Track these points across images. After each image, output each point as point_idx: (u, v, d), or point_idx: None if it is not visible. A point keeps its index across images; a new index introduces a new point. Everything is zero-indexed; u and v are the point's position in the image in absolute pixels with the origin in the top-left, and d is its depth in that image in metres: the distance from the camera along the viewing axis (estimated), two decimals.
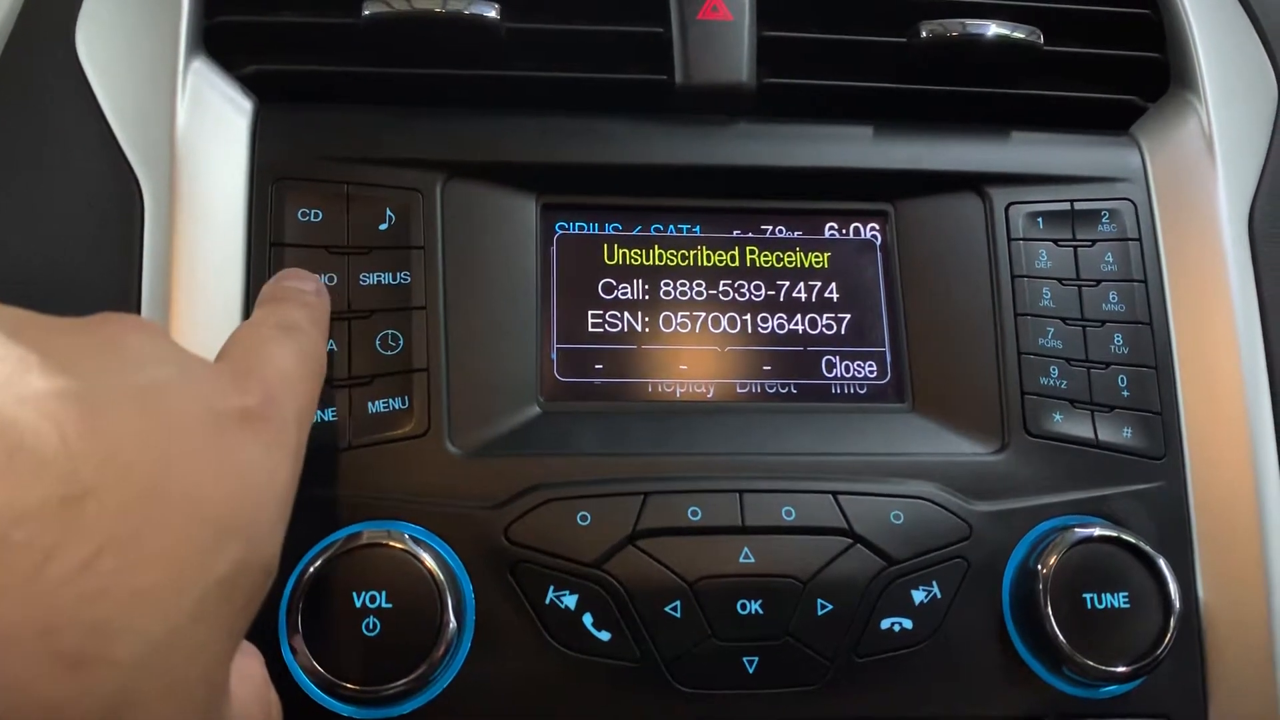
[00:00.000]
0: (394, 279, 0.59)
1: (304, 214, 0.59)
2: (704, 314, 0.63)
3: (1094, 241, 0.64)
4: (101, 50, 0.60)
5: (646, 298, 0.63)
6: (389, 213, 0.59)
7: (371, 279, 0.58)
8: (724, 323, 0.63)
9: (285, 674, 0.52)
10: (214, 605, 0.35)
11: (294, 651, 0.51)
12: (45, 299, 0.55)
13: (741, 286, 0.64)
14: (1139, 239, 0.65)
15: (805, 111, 0.66)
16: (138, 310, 0.56)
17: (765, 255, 0.64)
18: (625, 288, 0.63)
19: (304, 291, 0.54)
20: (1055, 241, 0.64)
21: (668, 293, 0.63)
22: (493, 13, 0.61)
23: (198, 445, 0.36)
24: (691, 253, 0.64)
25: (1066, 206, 0.65)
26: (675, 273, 0.63)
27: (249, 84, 0.62)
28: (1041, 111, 0.67)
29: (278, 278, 0.56)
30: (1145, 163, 0.67)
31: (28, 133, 0.59)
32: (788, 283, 0.64)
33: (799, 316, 0.63)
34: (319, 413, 0.56)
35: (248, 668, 0.44)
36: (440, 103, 0.63)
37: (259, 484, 0.39)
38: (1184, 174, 0.66)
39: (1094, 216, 0.65)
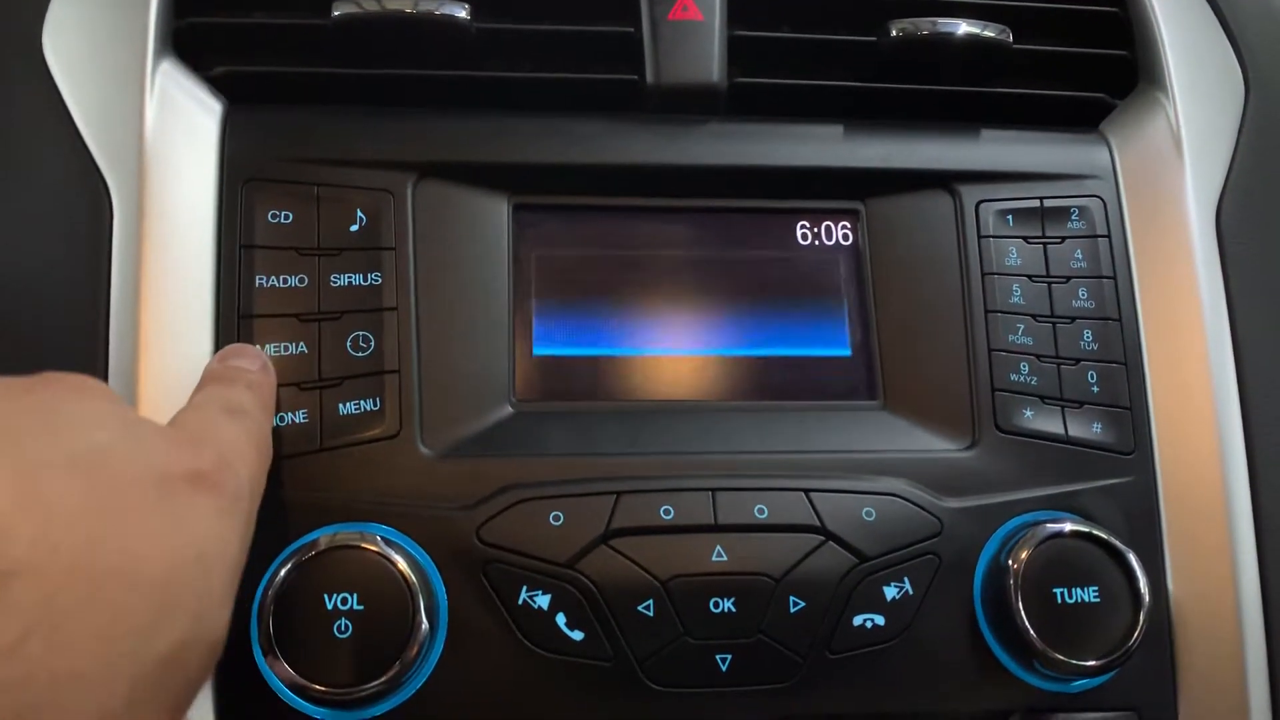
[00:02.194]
0: (365, 280, 0.59)
1: (274, 215, 0.59)
2: (676, 313, 0.63)
3: (1063, 238, 0.65)
4: (69, 52, 0.60)
5: (618, 297, 0.63)
6: (359, 214, 0.59)
7: (342, 280, 0.58)
8: (696, 321, 0.63)
9: (256, 677, 0.52)
10: (152, 687, 0.33)
11: (265, 654, 0.51)
12: (12, 304, 0.55)
13: (713, 285, 0.64)
14: (1108, 236, 0.65)
15: (776, 111, 0.66)
16: (106, 315, 0.55)
17: (737, 254, 0.64)
18: (597, 287, 0.63)
19: (249, 371, 0.53)
20: (1025, 238, 0.65)
21: (640, 292, 0.63)
22: (463, 13, 0.61)
23: (140, 513, 0.34)
24: (663, 252, 0.64)
25: (1036, 204, 0.65)
26: (647, 272, 0.64)
27: (218, 85, 0.62)
28: (1011, 109, 0.68)
29: (221, 356, 0.55)
30: (1114, 160, 0.67)
31: None
32: (759, 281, 0.64)
33: (770, 315, 0.64)
34: (290, 414, 0.56)
35: None
36: (411, 103, 0.63)
37: (209, 551, 0.37)
38: (1152, 171, 0.66)
39: (1063, 213, 0.65)
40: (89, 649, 0.31)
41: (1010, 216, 0.65)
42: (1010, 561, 0.56)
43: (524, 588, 0.54)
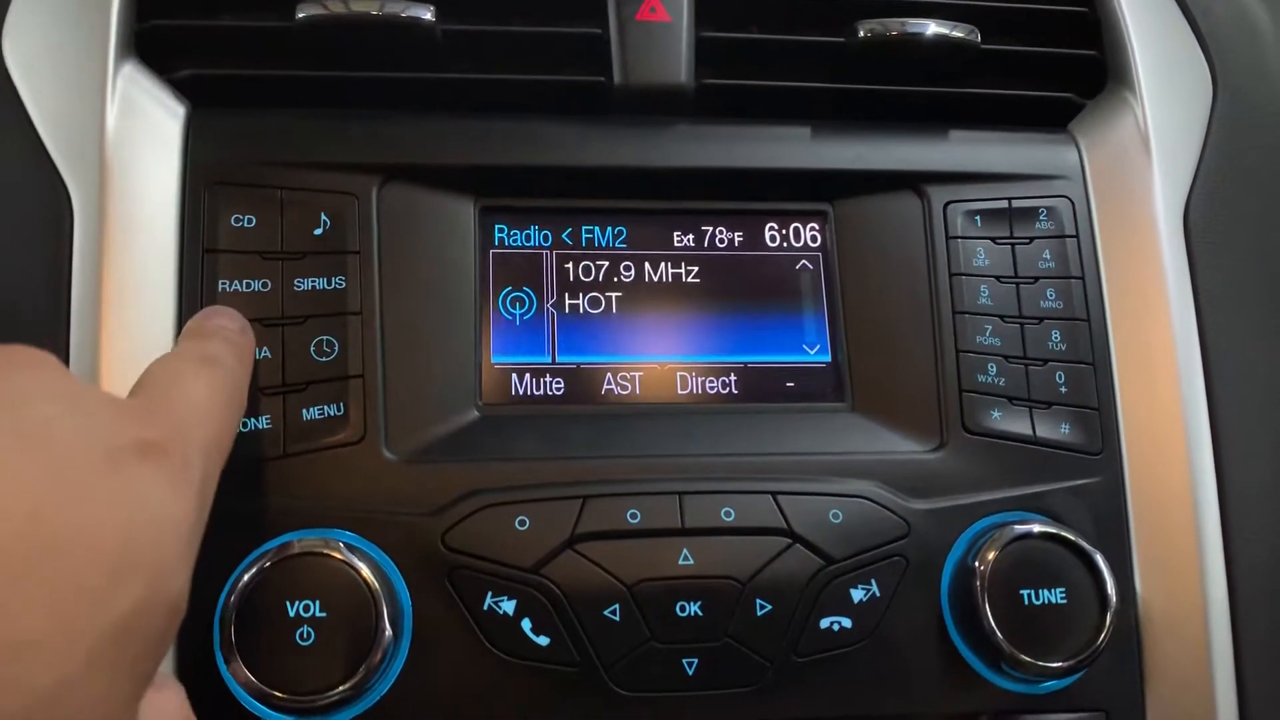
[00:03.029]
0: (329, 284, 0.58)
1: (238, 220, 0.58)
2: (644, 315, 0.63)
3: (1031, 239, 0.65)
4: (29, 55, 0.59)
5: (586, 300, 0.63)
6: (324, 217, 0.59)
7: (306, 284, 0.58)
8: (664, 324, 0.63)
9: (219, 685, 0.51)
10: (111, 650, 0.33)
11: (227, 662, 0.51)
12: None
13: (681, 288, 0.64)
14: (1076, 236, 0.65)
15: (745, 112, 0.66)
16: (67, 321, 0.55)
17: (705, 256, 0.64)
18: (565, 290, 0.63)
19: (228, 328, 0.53)
20: (993, 239, 0.65)
21: (608, 294, 0.63)
22: (428, 15, 0.60)
23: (88, 483, 0.34)
24: (631, 254, 0.64)
25: (1004, 204, 0.65)
26: (615, 274, 0.63)
27: (181, 88, 0.61)
28: (980, 110, 0.68)
29: (203, 314, 0.55)
30: (1083, 160, 0.67)
31: None
32: (727, 283, 0.64)
33: (739, 317, 0.63)
34: (253, 420, 0.55)
35: (163, 703, 0.43)
36: (376, 106, 0.63)
37: (159, 518, 0.37)
38: (1120, 171, 0.66)
39: (1031, 214, 0.65)
40: (40, 617, 0.31)
41: (978, 217, 0.65)
42: (977, 563, 0.56)
43: (489, 593, 0.54)
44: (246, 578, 0.52)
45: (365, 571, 0.52)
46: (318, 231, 0.59)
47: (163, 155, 0.59)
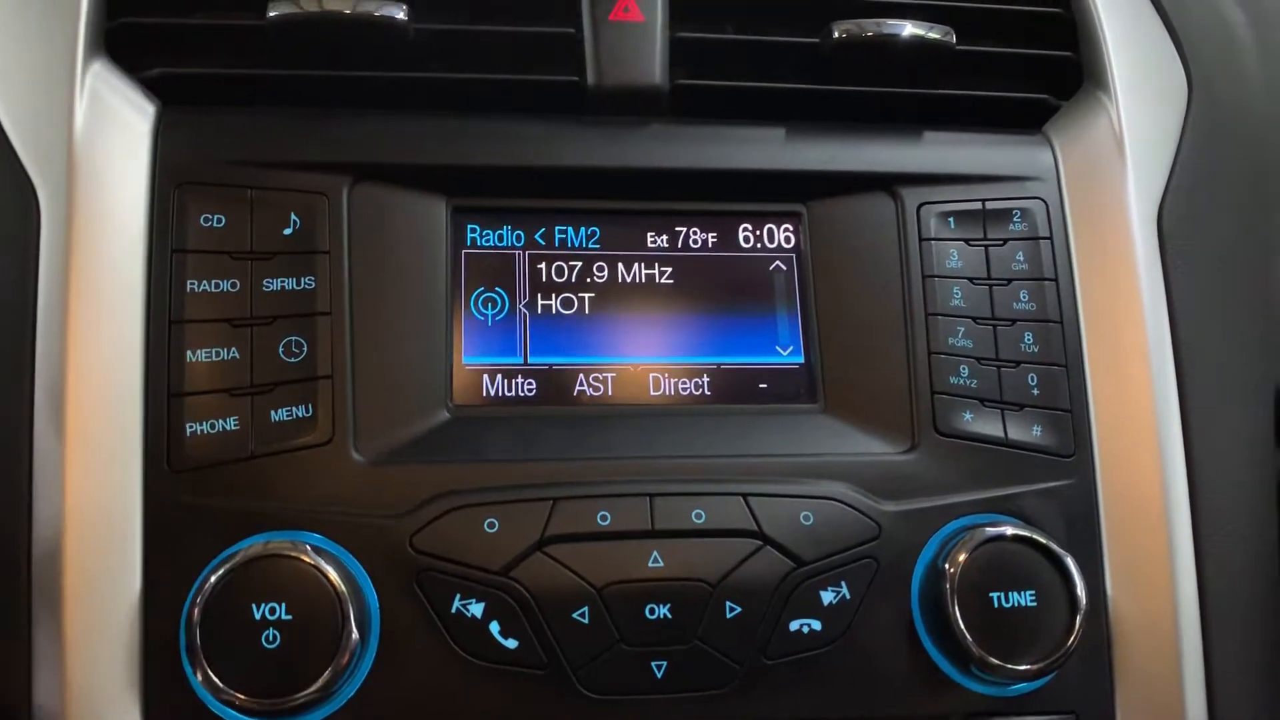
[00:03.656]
0: (298, 284, 0.58)
1: (206, 219, 0.58)
2: (616, 317, 0.63)
3: (1005, 240, 0.65)
4: None
5: (559, 300, 0.62)
6: (294, 217, 0.59)
7: (275, 285, 0.58)
8: (636, 326, 0.63)
9: (184, 686, 0.51)
10: None
11: (191, 663, 0.50)
12: None
13: (654, 289, 0.63)
14: (1050, 238, 0.65)
15: (719, 113, 0.65)
16: (33, 320, 0.54)
17: (679, 257, 0.64)
18: (537, 290, 0.62)
19: None
20: (966, 241, 0.65)
21: (580, 295, 0.63)
22: (401, 14, 0.60)
23: None
24: (604, 255, 0.64)
25: (978, 206, 0.65)
26: (588, 275, 0.63)
27: (152, 87, 0.61)
28: (955, 111, 0.68)
29: None
30: (1057, 161, 0.67)
31: None
32: (701, 284, 0.64)
33: (712, 318, 0.63)
34: (220, 422, 0.55)
35: None
36: (349, 105, 0.62)
37: None
38: (1095, 172, 0.66)
39: (1005, 216, 0.65)
40: None
41: (952, 219, 0.65)
42: (948, 565, 0.56)
43: (457, 596, 0.53)
44: (213, 580, 0.51)
45: (332, 574, 0.52)
46: (287, 231, 0.58)
47: (132, 154, 0.58)
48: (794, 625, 0.55)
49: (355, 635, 0.51)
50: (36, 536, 0.52)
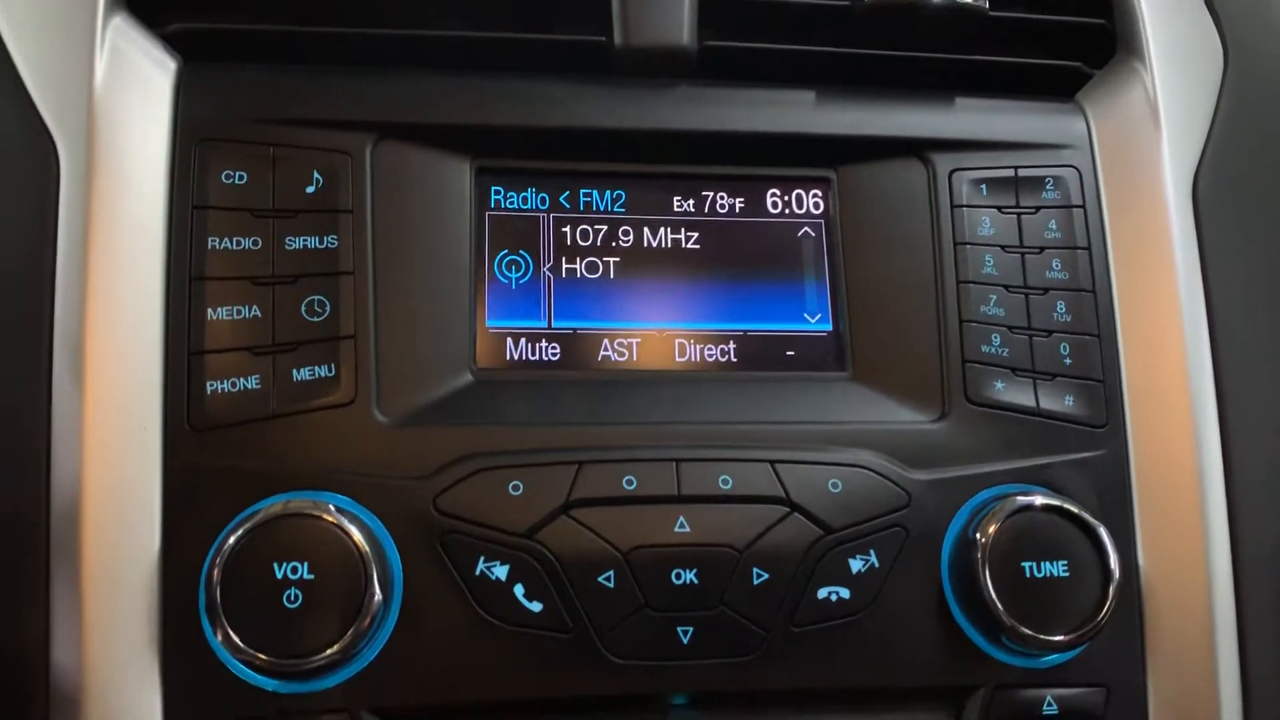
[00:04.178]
0: (321, 243, 0.57)
1: (228, 176, 0.57)
2: (642, 281, 0.62)
3: (1038, 208, 0.64)
4: (16, 7, 0.58)
5: (583, 264, 0.62)
6: (316, 175, 0.58)
7: (297, 243, 0.57)
8: (663, 290, 0.62)
9: (204, 647, 0.50)
10: None
11: (211, 623, 0.50)
12: None
13: (680, 254, 0.62)
14: (1083, 206, 0.64)
15: (747, 75, 0.64)
16: (53, 276, 0.53)
17: (705, 222, 0.63)
18: (562, 254, 0.62)
19: None
20: (999, 208, 0.63)
21: (605, 259, 0.62)
22: None
23: None
24: (630, 219, 0.63)
25: (1010, 173, 0.64)
26: (613, 239, 0.62)
27: (172, 43, 0.60)
28: (987, 78, 0.67)
29: None
30: (1090, 130, 0.66)
31: None
32: (727, 250, 0.63)
33: (738, 284, 0.62)
34: (242, 380, 0.54)
35: None
36: (371, 63, 0.61)
37: None
38: (1129, 141, 0.65)
39: (1038, 183, 0.64)
40: None
41: (984, 186, 0.64)
42: (978, 535, 0.55)
43: (481, 558, 0.53)
44: (233, 540, 0.51)
45: (355, 534, 0.51)
46: (310, 189, 0.58)
47: (152, 110, 0.58)
48: (822, 593, 0.55)
49: (378, 596, 0.50)
50: (55, 494, 0.52)
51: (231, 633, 0.49)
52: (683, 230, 0.63)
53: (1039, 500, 0.56)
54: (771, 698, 0.56)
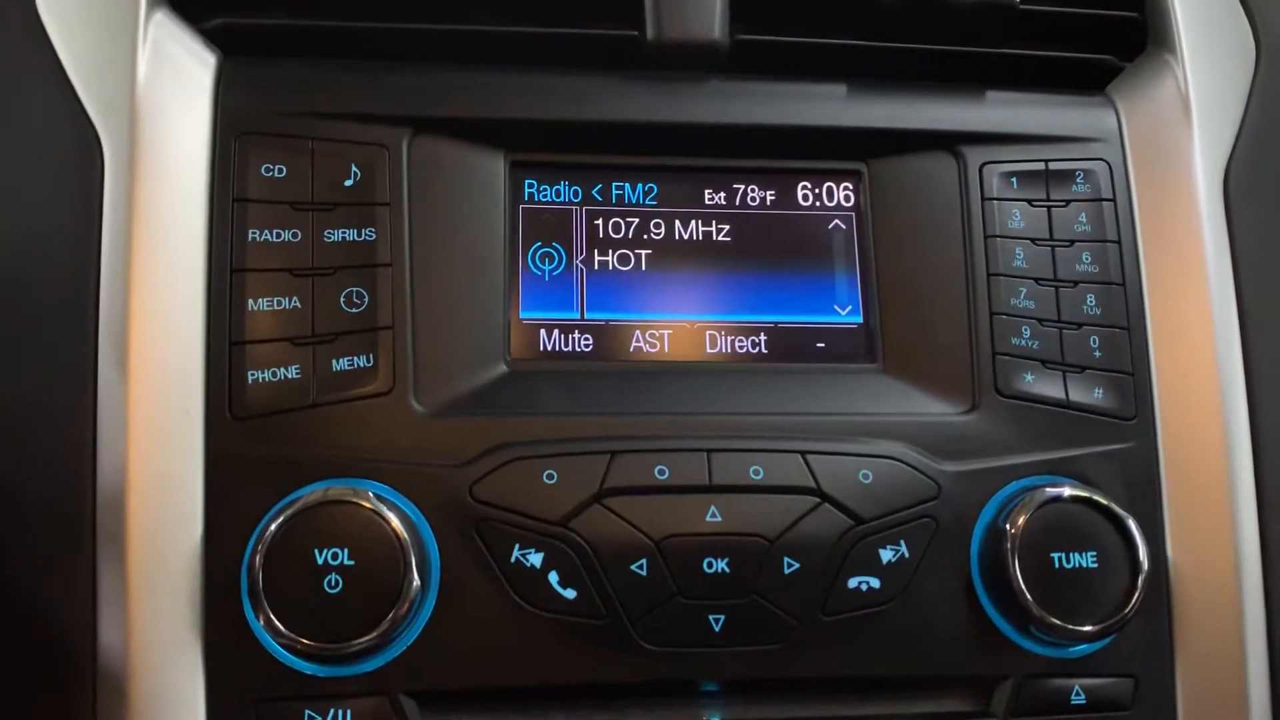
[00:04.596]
0: (359, 235, 0.58)
1: (268, 169, 0.58)
2: (674, 274, 0.62)
3: (1068, 202, 0.64)
4: (62, 4, 0.59)
5: (616, 257, 0.62)
6: (354, 168, 0.59)
7: (336, 235, 0.58)
8: (694, 282, 0.62)
9: (246, 631, 0.51)
10: None
11: (254, 608, 0.51)
12: (2, 254, 0.55)
13: (712, 246, 0.63)
14: (1113, 199, 0.64)
15: (778, 69, 0.65)
16: (98, 266, 0.54)
17: (737, 214, 0.64)
18: (594, 246, 0.62)
19: None
20: (1029, 201, 0.64)
21: (637, 252, 0.63)
22: None
23: None
24: (662, 212, 0.63)
25: (1041, 166, 0.64)
26: (645, 232, 0.63)
27: (212, 38, 0.61)
28: (1017, 71, 0.67)
29: None
30: (1121, 123, 0.66)
31: None
32: (758, 242, 0.63)
33: (769, 276, 0.63)
34: (282, 370, 0.55)
35: None
36: (408, 58, 0.62)
37: None
38: (1160, 134, 0.65)
39: (1068, 177, 0.64)
40: None
41: (1014, 179, 0.64)
42: (1008, 525, 0.56)
43: (516, 546, 0.53)
44: (274, 526, 0.52)
45: (394, 521, 0.52)
46: (348, 183, 0.58)
47: (193, 104, 0.59)
48: (852, 583, 0.55)
49: (416, 582, 0.51)
50: (101, 481, 0.53)
51: (273, 617, 0.50)
52: (714, 223, 0.63)
53: (1068, 491, 0.57)
54: (801, 686, 0.57)
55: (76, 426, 0.53)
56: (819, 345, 0.62)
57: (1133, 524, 0.56)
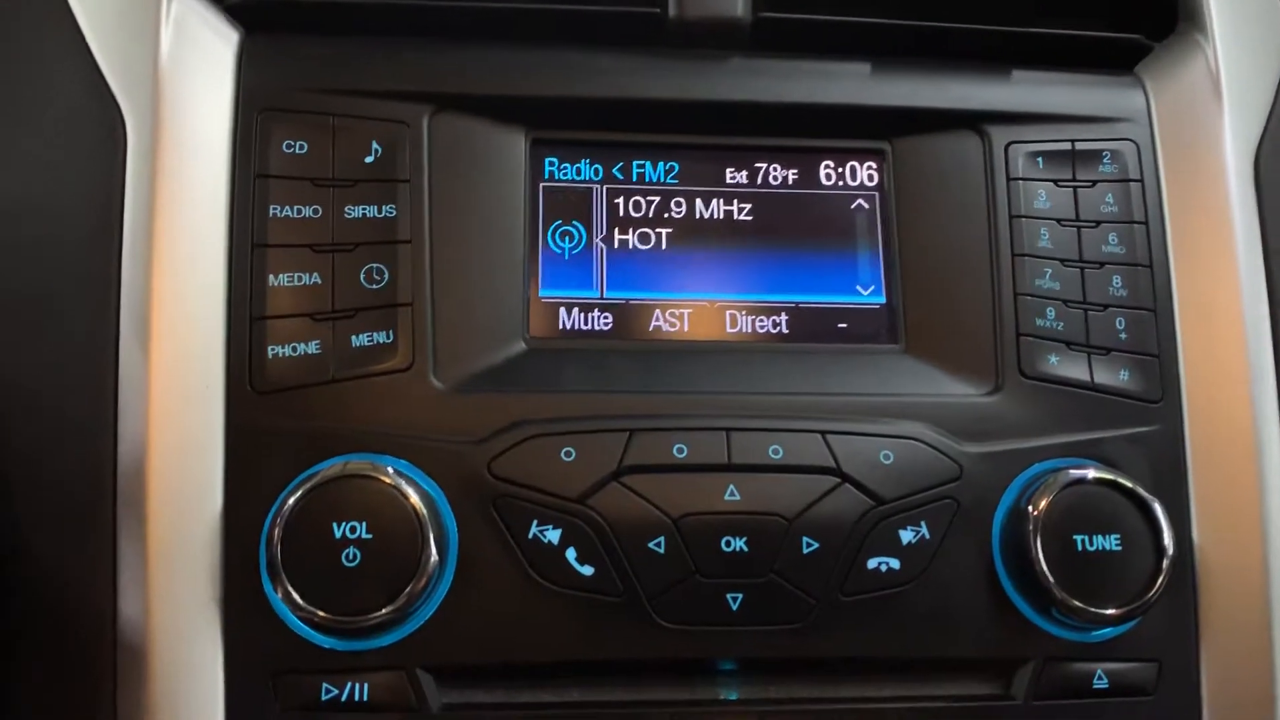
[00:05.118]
0: (379, 212, 0.58)
1: (289, 145, 0.58)
2: (694, 253, 0.62)
3: (1094, 182, 0.63)
4: None
5: (636, 235, 0.62)
6: (375, 145, 0.59)
7: (356, 212, 0.58)
8: (715, 261, 0.62)
9: (264, 603, 0.52)
10: None
11: (272, 581, 0.51)
12: (26, 228, 0.55)
13: (733, 225, 0.63)
14: (1141, 180, 0.63)
15: (801, 47, 0.64)
16: (120, 241, 0.55)
17: (758, 194, 0.63)
18: (615, 225, 0.62)
19: None
20: (1055, 182, 0.63)
21: (658, 230, 0.62)
22: None
23: None
24: (682, 190, 0.63)
25: (1067, 146, 0.64)
26: (665, 210, 0.62)
27: (234, 14, 0.61)
28: (1044, 50, 0.66)
29: None
30: (1149, 103, 0.65)
31: (10, 61, 0.58)
32: (780, 222, 0.63)
33: (791, 256, 0.62)
34: (302, 345, 0.55)
35: None
36: (429, 34, 0.62)
37: None
38: (1189, 114, 0.64)
39: (1095, 157, 0.64)
40: None
41: (1040, 159, 0.63)
42: (1030, 507, 0.55)
43: (534, 522, 0.53)
44: (293, 500, 0.52)
45: (413, 496, 0.52)
46: (369, 159, 0.58)
47: (216, 80, 0.59)
48: (872, 563, 0.55)
49: (434, 557, 0.51)
50: (122, 454, 0.53)
51: (291, 590, 0.51)
52: (735, 202, 0.63)
53: (1092, 474, 0.56)
54: (819, 666, 0.56)
55: (98, 400, 0.53)
56: (840, 326, 0.62)
57: (1158, 507, 0.56)
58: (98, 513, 0.53)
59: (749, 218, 0.63)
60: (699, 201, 0.63)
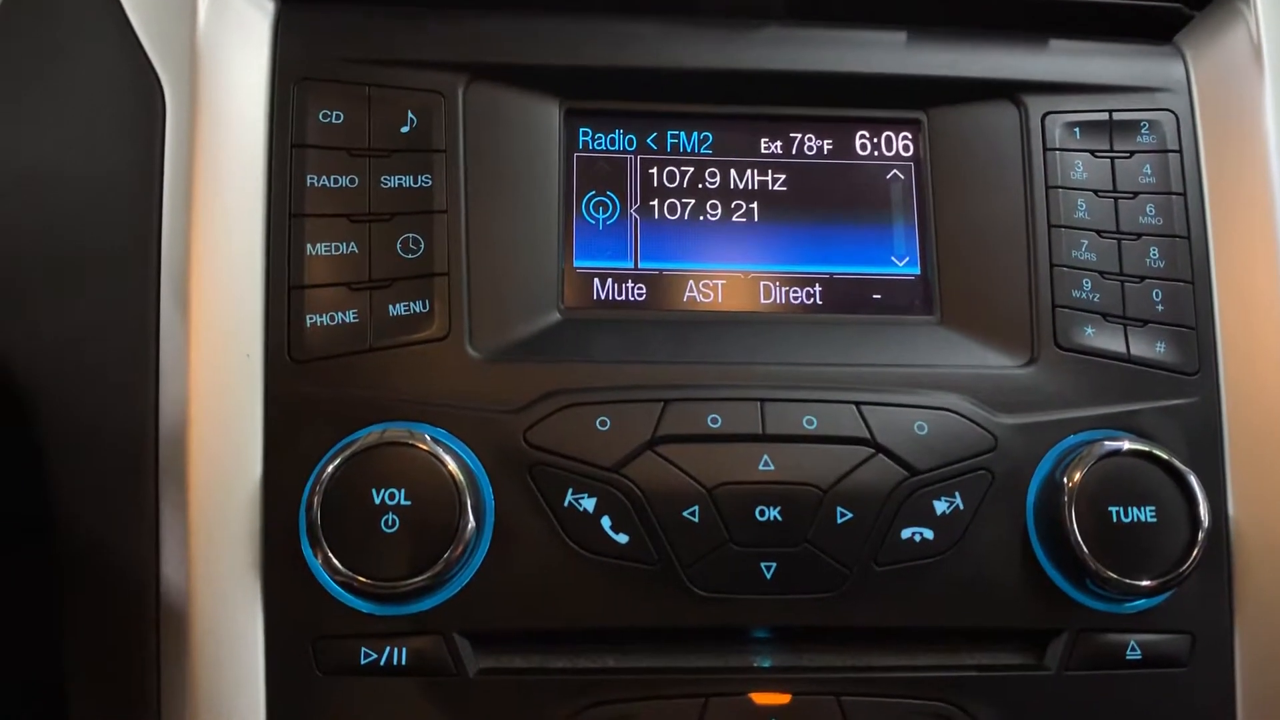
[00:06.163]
0: (415, 182, 0.58)
1: (325, 115, 0.58)
2: (729, 222, 0.62)
3: (1132, 153, 0.63)
4: None
5: (669, 206, 0.62)
6: (410, 115, 0.59)
7: (393, 181, 0.58)
8: (749, 232, 0.62)
9: (303, 570, 0.52)
10: None
11: (312, 546, 0.51)
12: (67, 198, 0.56)
13: (767, 195, 0.63)
14: (1179, 151, 0.63)
15: (836, 16, 0.64)
16: (159, 210, 0.55)
17: (793, 164, 0.63)
18: (649, 195, 0.62)
19: None
20: (1092, 152, 0.62)
21: (693, 201, 0.62)
22: None
23: None
24: (717, 161, 0.63)
25: (1105, 116, 0.63)
26: (700, 181, 0.62)
27: None
28: (1082, 20, 0.65)
29: None
30: (1189, 73, 0.64)
31: (50, 31, 0.58)
32: (815, 192, 0.63)
33: (825, 226, 0.62)
34: (340, 314, 0.56)
35: None
36: (464, 4, 0.62)
37: None
38: (1229, 85, 0.63)
39: (1133, 127, 0.63)
40: None
41: (1077, 129, 0.63)
42: (1065, 479, 0.55)
43: (570, 490, 0.54)
44: (332, 467, 0.52)
45: (450, 463, 0.52)
46: (404, 129, 0.59)
47: (252, 51, 0.59)
48: (905, 533, 0.55)
49: (472, 524, 0.52)
50: (163, 421, 0.54)
51: (331, 555, 0.51)
52: (769, 172, 0.63)
53: (1127, 445, 0.56)
54: (853, 635, 0.57)
55: (140, 369, 0.54)
56: (875, 296, 0.62)
57: (1193, 479, 0.55)
58: (140, 480, 0.54)
59: (783, 188, 0.63)
60: (733, 172, 0.63)
